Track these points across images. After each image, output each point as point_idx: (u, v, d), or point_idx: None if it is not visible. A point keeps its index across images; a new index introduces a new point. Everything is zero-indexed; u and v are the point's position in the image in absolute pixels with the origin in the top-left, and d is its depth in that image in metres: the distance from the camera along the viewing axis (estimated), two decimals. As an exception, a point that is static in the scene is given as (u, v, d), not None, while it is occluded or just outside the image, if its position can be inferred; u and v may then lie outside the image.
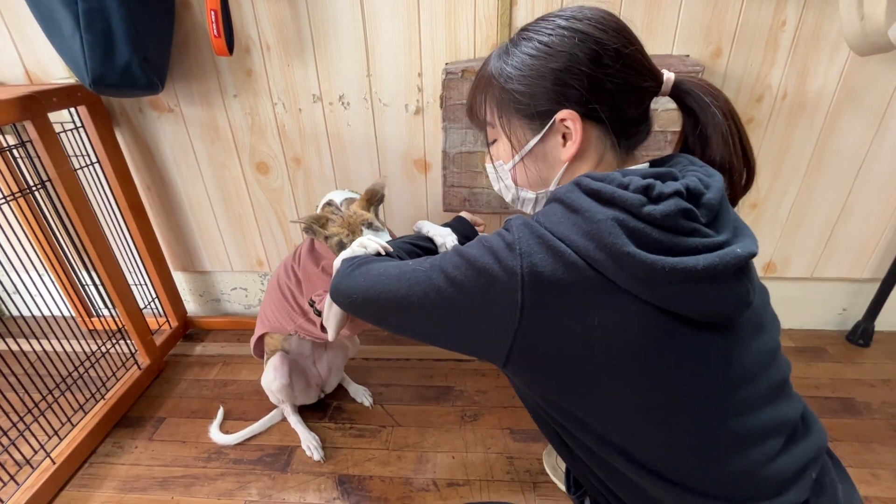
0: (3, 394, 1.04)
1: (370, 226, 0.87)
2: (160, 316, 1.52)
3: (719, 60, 1.12)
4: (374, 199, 0.92)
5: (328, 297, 0.82)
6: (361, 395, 1.28)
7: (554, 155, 0.55)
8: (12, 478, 1.01)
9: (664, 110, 1.05)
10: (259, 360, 1.20)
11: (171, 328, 1.52)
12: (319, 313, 0.95)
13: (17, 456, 1.06)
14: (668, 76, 0.55)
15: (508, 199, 0.64)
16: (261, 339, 1.14)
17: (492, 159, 0.63)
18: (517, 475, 1.06)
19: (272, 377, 1.10)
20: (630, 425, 0.47)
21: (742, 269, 0.44)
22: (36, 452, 1.06)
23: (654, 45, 1.11)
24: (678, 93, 0.56)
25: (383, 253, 0.66)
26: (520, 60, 0.53)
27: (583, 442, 0.51)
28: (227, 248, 1.50)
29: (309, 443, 1.14)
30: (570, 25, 0.51)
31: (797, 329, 1.50)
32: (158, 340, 1.43)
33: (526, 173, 0.59)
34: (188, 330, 1.59)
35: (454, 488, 1.04)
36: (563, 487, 1.03)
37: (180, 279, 1.58)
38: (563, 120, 0.52)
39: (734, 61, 1.12)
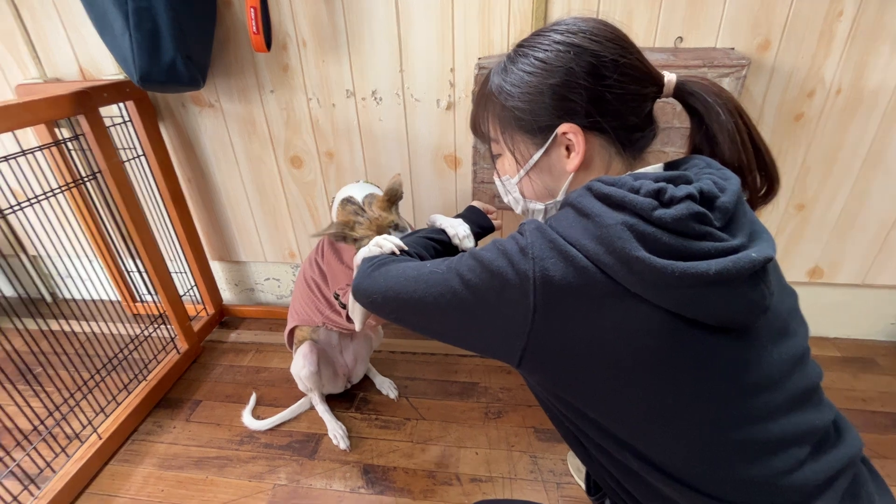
0: (56, 371, 1.12)
1: (396, 227, 0.90)
2: (198, 303, 1.59)
3: (767, 53, 1.07)
4: (394, 198, 0.94)
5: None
6: (387, 387, 1.30)
7: (559, 167, 0.56)
8: (63, 450, 1.08)
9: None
10: (290, 351, 1.23)
11: (207, 315, 1.58)
12: (344, 306, 0.97)
13: (68, 430, 1.13)
14: (670, 78, 0.55)
15: (518, 210, 0.65)
16: (292, 331, 1.17)
17: (498, 174, 0.64)
18: (541, 474, 1.06)
19: (301, 364, 1.13)
20: (643, 427, 0.46)
21: (758, 273, 0.43)
22: (84, 427, 1.13)
23: (697, 37, 1.07)
24: (681, 94, 0.55)
25: (398, 252, 0.68)
26: (518, 78, 0.54)
27: (598, 442, 0.51)
28: (262, 240, 1.54)
29: (335, 432, 1.16)
30: (566, 40, 0.51)
31: (845, 338, 1.42)
32: (196, 326, 1.49)
33: (532, 186, 0.59)
34: (224, 317, 1.66)
35: (477, 484, 1.04)
36: (580, 482, 1.02)
37: (217, 268, 1.65)
38: (564, 133, 0.52)
39: (783, 54, 1.06)
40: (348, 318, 1.00)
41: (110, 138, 1.15)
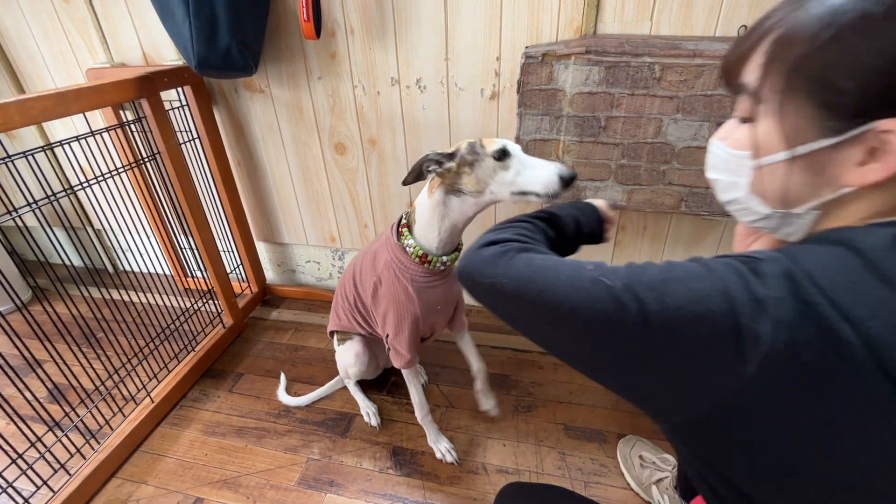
0: (115, 337, 1.20)
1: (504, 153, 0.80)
2: (243, 281, 1.66)
3: None
4: None
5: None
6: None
7: (836, 172, 0.37)
8: (120, 410, 1.18)
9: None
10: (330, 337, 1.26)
11: (251, 293, 1.65)
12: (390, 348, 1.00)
13: (125, 392, 1.22)
14: None
15: (725, 197, 0.46)
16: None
17: (741, 144, 0.43)
18: (568, 471, 1.05)
19: (352, 362, 1.15)
20: None
21: None
22: (139, 391, 1.22)
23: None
24: None
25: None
26: (863, 17, 0.33)
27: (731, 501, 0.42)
28: (304, 223, 1.59)
29: (368, 409, 1.20)
30: None
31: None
32: (240, 303, 1.57)
33: (777, 181, 0.40)
34: (266, 296, 1.73)
35: (503, 475, 1.05)
36: (630, 479, 1.02)
37: (262, 249, 1.72)
38: (886, 132, 0.33)
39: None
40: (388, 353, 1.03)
41: (169, 121, 1.21)
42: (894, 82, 0.33)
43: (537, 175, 0.75)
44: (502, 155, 0.77)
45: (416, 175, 0.81)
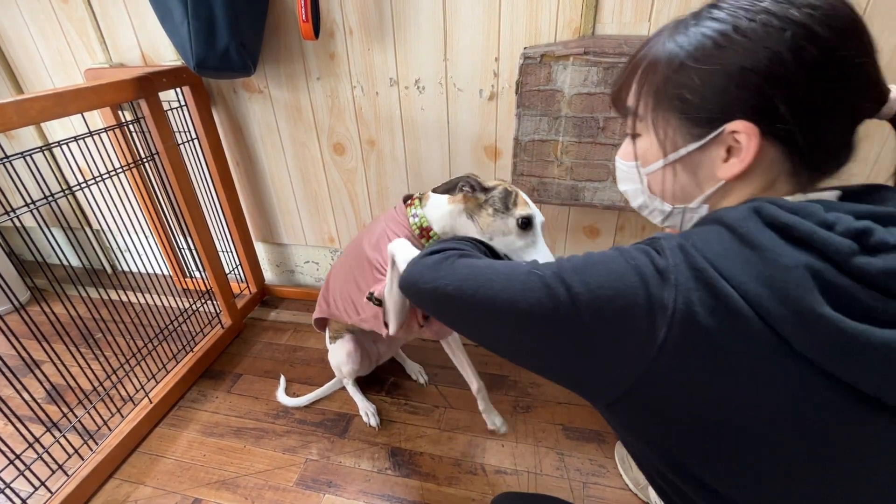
0: (114, 338, 1.20)
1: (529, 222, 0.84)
2: (242, 282, 1.66)
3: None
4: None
5: (387, 289, 0.84)
6: (417, 372, 1.32)
7: (708, 170, 0.45)
8: (118, 410, 1.17)
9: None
10: (321, 332, 1.27)
11: (250, 293, 1.65)
12: (379, 303, 0.92)
13: (123, 392, 1.22)
14: None
15: (635, 204, 0.55)
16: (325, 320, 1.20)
17: (626, 156, 0.52)
18: (567, 472, 1.05)
19: (344, 360, 1.15)
20: (764, 496, 0.39)
21: None
22: (137, 391, 1.22)
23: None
24: None
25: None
26: (699, 48, 0.41)
27: (686, 492, 0.44)
28: (303, 224, 1.59)
29: (367, 409, 1.20)
30: (784, 13, 0.38)
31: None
32: (239, 304, 1.56)
33: (666, 183, 0.49)
34: (265, 297, 1.73)
35: (501, 476, 1.05)
36: (628, 480, 1.02)
37: (260, 249, 1.71)
38: (734, 132, 0.41)
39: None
40: (385, 324, 0.99)
41: (168, 122, 1.21)
42: (726, 97, 0.41)
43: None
44: (525, 224, 0.80)
45: (449, 189, 0.84)
